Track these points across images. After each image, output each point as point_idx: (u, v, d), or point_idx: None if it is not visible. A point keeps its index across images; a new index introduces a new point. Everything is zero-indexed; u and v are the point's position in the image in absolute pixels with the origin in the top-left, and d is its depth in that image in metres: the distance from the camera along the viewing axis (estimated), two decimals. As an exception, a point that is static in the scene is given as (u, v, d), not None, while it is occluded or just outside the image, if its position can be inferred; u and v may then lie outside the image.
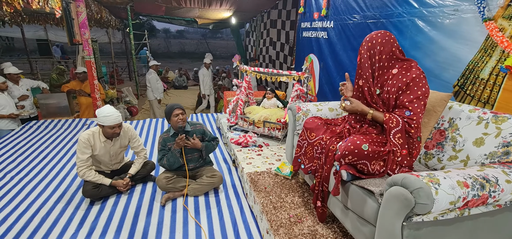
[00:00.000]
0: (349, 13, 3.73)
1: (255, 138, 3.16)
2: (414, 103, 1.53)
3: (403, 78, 1.57)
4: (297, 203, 2.08)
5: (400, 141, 1.54)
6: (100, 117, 2.33)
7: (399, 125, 1.54)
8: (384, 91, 1.63)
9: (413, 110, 1.52)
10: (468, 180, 1.13)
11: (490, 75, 2.08)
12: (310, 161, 1.89)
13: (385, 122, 1.58)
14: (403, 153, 1.53)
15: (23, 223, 2.11)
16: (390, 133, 1.56)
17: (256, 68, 3.41)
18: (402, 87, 1.56)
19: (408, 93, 1.55)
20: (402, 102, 1.55)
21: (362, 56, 1.71)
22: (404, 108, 1.54)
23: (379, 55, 1.63)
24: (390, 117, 1.57)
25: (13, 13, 8.00)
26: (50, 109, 4.74)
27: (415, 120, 1.52)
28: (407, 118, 1.53)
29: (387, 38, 1.62)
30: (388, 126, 1.56)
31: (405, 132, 1.54)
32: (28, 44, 12.03)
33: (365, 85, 1.74)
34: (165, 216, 2.23)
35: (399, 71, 1.60)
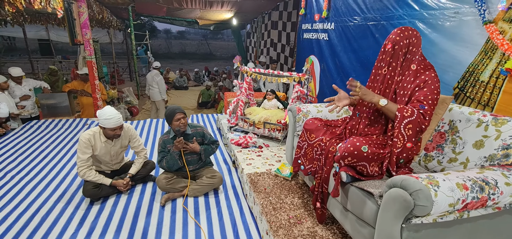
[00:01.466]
0: (349, 15, 3.73)
1: (255, 139, 3.17)
2: (428, 100, 1.52)
3: (422, 76, 1.57)
4: (296, 204, 2.08)
5: (409, 133, 1.50)
6: (101, 119, 2.33)
7: (414, 115, 1.50)
8: (401, 87, 1.63)
9: (427, 106, 1.52)
10: (467, 182, 1.13)
11: (490, 78, 2.08)
12: (310, 162, 1.89)
13: (399, 110, 1.53)
14: (407, 146, 1.51)
15: (23, 223, 2.11)
16: (402, 122, 1.51)
17: (257, 70, 3.42)
18: (419, 85, 1.56)
19: (425, 90, 1.54)
20: (418, 98, 1.54)
21: (396, 44, 1.61)
22: (419, 103, 1.53)
23: (412, 47, 1.61)
24: (404, 107, 1.54)
25: (15, 13, 8.03)
26: (51, 109, 4.76)
27: (428, 116, 1.51)
28: (423, 112, 1.51)
29: (418, 34, 1.63)
30: (402, 115, 1.51)
31: (420, 124, 1.51)
32: (29, 44, 12.08)
33: (389, 73, 1.67)
34: (165, 216, 2.24)
35: (417, 69, 1.61)
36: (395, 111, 1.55)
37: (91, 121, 4.57)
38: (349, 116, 1.94)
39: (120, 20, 10.35)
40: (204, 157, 2.56)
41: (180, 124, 2.38)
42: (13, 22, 9.35)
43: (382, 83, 1.70)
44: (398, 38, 1.61)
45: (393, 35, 1.63)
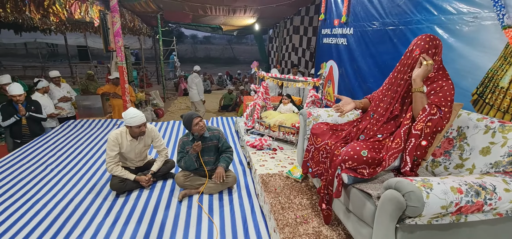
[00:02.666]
0: (368, 20, 3.73)
1: (270, 142, 3.27)
2: (447, 104, 1.54)
3: (439, 81, 1.60)
4: (304, 204, 2.15)
5: (427, 130, 1.52)
6: (127, 119, 2.57)
7: (436, 115, 1.52)
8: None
9: (445, 110, 1.53)
10: (462, 186, 1.15)
11: (510, 84, 2.02)
12: (317, 165, 1.96)
13: (429, 104, 1.54)
14: (423, 144, 1.52)
15: (59, 209, 2.39)
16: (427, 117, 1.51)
17: (273, 75, 3.53)
18: (435, 89, 1.59)
19: (441, 95, 1.56)
20: (434, 101, 1.56)
21: (424, 51, 1.61)
22: (437, 106, 1.54)
23: (437, 56, 1.62)
24: (432, 104, 1.55)
25: (58, 23, 8.86)
26: (86, 109, 5.22)
27: (446, 120, 1.53)
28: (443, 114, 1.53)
29: (441, 43, 1.65)
30: (429, 111, 1.52)
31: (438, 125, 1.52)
32: (69, 50, 13.20)
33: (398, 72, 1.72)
34: (181, 211, 2.41)
35: (436, 75, 1.64)
36: (425, 104, 1.54)
37: (121, 122, 4.94)
38: (359, 118, 1.98)
39: (149, 27, 10.98)
40: (226, 168, 2.68)
41: (199, 127, 2.53)
42: (56, 31, 10.31)
43: (403, 88, 1.71)
44: (427, 46, 1.61)
45: (421, 42, 1.63)
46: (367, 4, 3.72)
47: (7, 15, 6.59)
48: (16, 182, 2.83)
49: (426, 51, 1.60)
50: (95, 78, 6.28)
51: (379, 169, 1.56)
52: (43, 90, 4.35)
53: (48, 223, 2.22)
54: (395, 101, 1.73)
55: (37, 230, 2.15)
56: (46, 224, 2.21)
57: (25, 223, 2.22)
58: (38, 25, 8.92)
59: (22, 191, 2.67)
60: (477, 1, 2.25)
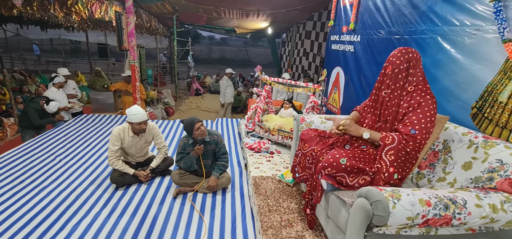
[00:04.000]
0: (375, 28, 3.71)
1: (268, 145, 3.31)
2: (421, 124, 1.52)
3: (417, 97, 1.57)
4: (292, 209, 2.18)
5: (391, 158, 1.55)
6: (129, 115, 2.69)
7: (394, 142, 1.55)
8: (395, 103, 1.65)
9: (418, 130, 1.52)
10: (432, 199, 1.15)
11: (509, 99, 1.97)
12: (303, 170, 1.99)
13: (381, 139, 1.59)
14: (390, 170, 1.54)
15: (61, 198, 2.54)
16: (383, 149, 1.58)
17: (275, 79, 3.57)
18: (413, 105, 1.57)
19: (419, 112, 1.55)
20: (410, 119, 1.55)
21: (395, 66, 1.63)
22: (411, 126, 1.54)
23: (412, 69, 1.62)
24: (386, 135, 1.59)
25: (80, 21, 9.31)
26: (99, 104, 5.47)
27: (419, 140, 1.51)
28: (411, 136, 1.52)
29: (419, 56, 1.65)
30: (384, 143, 1.58)
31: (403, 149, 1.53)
32: (90, 47, 13.80)
33: (389, 96, 1.69)
34: (174, 207, 2.49)
35: (414, 90, 1.61)
36: (379, 140, 1.60)
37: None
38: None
39: (166, 28, 11.30)
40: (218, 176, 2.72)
41: (201, 132, 2.59)
42: (78, 28, 10.84)
43: (382, 105, 1.72)
44: (398, 61, 1.62)
45: (393, 58, 1.64)
46: (375, 12, 3.70)
47: (34, 12, 7.02)
48: (25, 170, 3.02)
49: (398, 67, 1.61)
50: (103, 74, 6.55)
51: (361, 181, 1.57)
52: (58, 85, 4.60)
53: (50, 211, 2.37)
54: (377, 119, 1.74)
55: (38, 216, 2.30)
56: (47, 211, 2.36)
57: (28, 210, 2.38)
58: (62, 23, 9.41)
59: (31, 179, 2.86)
60: (480, 14, 2.21)
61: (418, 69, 1.64)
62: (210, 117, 6.37)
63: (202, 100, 9.41)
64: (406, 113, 1.59)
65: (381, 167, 1.55)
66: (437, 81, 2.57)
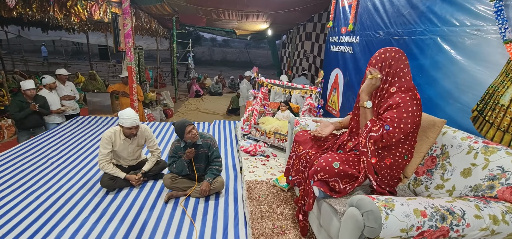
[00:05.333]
0: (374, 29, 3.64)
1: (264, 148, 3.23)
2: (395, 122, 1.47)
3: (396, 97, 1.53)
4: (285, 215, 2.10)
5: (371, 147, 1.51)
6: (121, 119, 2.63)
7: (378, 132, 1.51)
8: (375, 104, 1.60)
9: (392, 128, 1.47)
10: (427, 209, 1.08)
11: (510, 102, 1.89)
12: (297, 173, 1.91)
13: (371, 120, 1.55)
14: (372, 161, 1.48)
15: (50, 203, 2.48)
16: (367, 133, 1.53)
17: (272, 80, 3.50)
18: (392, 105, 1.52)
19: (395, 111, 1.50)
20: (385, 116, 1.52)
21: (371, 65, 1.65)
22: (385, 123, 1.50)
23: (388, 68, 1.59)
24: (375, 121, 1.55)
25: (80, 22, 9.32)
26: (96, 106, 5.42)
27: (390, 138, 1.47)
28: (384, 132, 1.48)
29: (400, 55, 1.60)
30: (370, 127, 1.54)
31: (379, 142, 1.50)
32: (92, 48, 13.84)
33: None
34: (165, 212, 2.42)
35: (396, 91, 1.57)
36: (368, 120, 1.55)
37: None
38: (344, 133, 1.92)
39: (166, 30, 11.29)
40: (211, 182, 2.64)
41: (192, 135, 2.51)
42: (79, 30, 10.86)
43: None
44: (374, 61, 1.62)
45: (372, 59, 1.63)
46: (373, 13, 3.63)
47: (33, 14, 7.03)
48: (16, 173, 2.97)
49: (373, 66, 1.58)
50: (98, 78, 6.49)
51: (354, 184, 1.50)
52: (48, 87, 4.50)
53: (37, 215, 2.31)
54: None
55: (24, 221, 2.24)
56: (35, 216, 2.30)
57: (15, 214, 2.32)
58: (63, 25, 9.42)
59: (21, 182, 2.80)
60: (480, 14, 2.13)
61: (399, 69, 1.58)
62: (209, 120, 6.31)
63: (202, 102, 9.37)
64: (384, 110, 1.55)
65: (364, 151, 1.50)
66: (437, 83, 2.49)
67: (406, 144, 1.53)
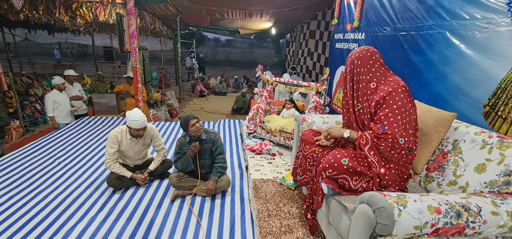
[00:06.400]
0: (380, 25, 3.59)
1: (270, 146, 3.21)
2: (389, 118, 1.45)
3: (381, 92, 1.51)
4: (293, 213, 2.07)
5: (376, 158, 1.48)
6: (129, 120, 2.63)
7: (368, 142, 1.50)
8: (365, 107, 1.57)
9: (388, 125, 1.45)
10: (442, 206, 1.04)
11: (524, 96, 1.83)
12: (304, 172, 1.89)
13: (357, 139, 1.57)
14: (381, 172, 1.45)
15: (57, 202, 2.49)
16: (363, 149, 1.52)
17: (277, 78, 3.47)
18: (379, 102, 1.50)
19: (384, 107, 1.48)
20: (378, 117, 1.49)
21: (345, 72, 1.71)
22: (379, 123, 1.47)
23: (357, 68, 1.61)
24: (361, 135, 1.55)
25: (85, 24, 9.40)
26: (102, 107, 5.45)
27: (391, 135, 1.43)
28: (382, 134, 1.45)
29: (364, 52, 1.61)
30: (358, 143, 1.54)
31: (377, 148, 1.48)
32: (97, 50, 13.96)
33: (344, 99, 1.76)
34: (171, 211, 2.42)
35: (377, 86, 1.54)
36: (355, 140, 1.58)
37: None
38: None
39: (170, 30, 11.32)
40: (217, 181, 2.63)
41: (196, 128, 2.53)
42: (84, 32, 10.96)
43: (348, 111, 1.73)
44: (346, 63, 1.68)
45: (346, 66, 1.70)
46: (379, 9, 3.58)
47: (40, 16, 7.11)
48: (24, 173, 2.99)
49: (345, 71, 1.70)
50: (105, 80, 6.56)
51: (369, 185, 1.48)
52: (57, 88, 4.56)
53: (45, 215, 2.32)
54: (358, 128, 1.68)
55: (32, 221, 2.25)
56: (42, 216, 2.31)
57: (23, 214, 2.33)
58: (69, 27, 9.51)
59: (29, 182, 2.82)
60: (491, 6, 2.08)
61: (368, 63, 1.59)
62: (214, 119, 6.30)
63: (206, 102, 9.37)
64: (375, 111, 1.53)
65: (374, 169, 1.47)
66: (446, 78, 2.44)
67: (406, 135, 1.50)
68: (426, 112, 1.72)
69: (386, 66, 1.59)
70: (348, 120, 1.72)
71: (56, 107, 4.53)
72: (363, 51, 1.60)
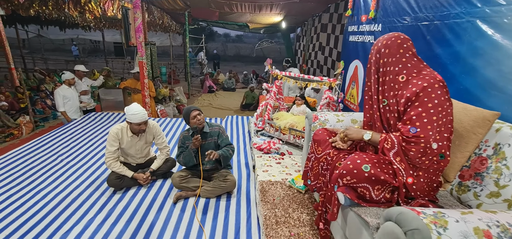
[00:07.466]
0: (399, 15, 3.32)
1: (279, 145, 3.02)
2: (422, 118, 1.22)
3: (413, 87, 1.27)
4: (303, 221, 1.89)
5: (402, 165, 1.27)
6: (128, 114, 2.50)
7: (394, 146, 1.28)
8: (391, 103, 1.36)
9: (420, 126, 1.22)
10: (492, 229, 0.84)
11: None
12: (316, 177, 1.69)
13: (380, 142, 1.34)
14: (408, 182, 1.24)
15: (56, 202, 2.38)
16: (388, 154, 1.31)
17: (287, 73, 3.27)
18: (411, 98, 1.27)
19: (417, 105, 1.25)
20: (408, 117, 1.27)
21: (369, 62, 1.49)
22: (410, 124, 1.25)
23: (384, 58, 1.39)
24: (385, 138, 1.33)
25: (94, 19, 9.42)
26: (109, 103, 5.39)
27: (424, 139, 1.21)
28: (412, 137, 1.23)
29: (394, 39, 1.38)
30: (382, 146, 1.33)
31: (406, 154, 1.26)
32: (108, 46, 14.06)
33: (367, 94, 1.54)
34: (173, 213, 2.27)
35: (408, 80, 1.31)
36: (377, 143, 1.36)
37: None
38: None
39: (179, 25, 11.22)
40: (223, 162, 2.52)
41: (197, 120, 2.41)
42: (95, 27, 11.01)
43: (372, 107, 1.51)
44: (369, 56, 1.48)
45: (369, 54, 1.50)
46: (399, -3, 3.31)
47: (50, 12, 7.12)
48: (25, 171, 2.91)
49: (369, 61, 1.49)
50: (111, 75, 6.53)
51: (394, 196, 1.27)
52: (67, 83, 4.54)
53: (42, 216, 2.21)
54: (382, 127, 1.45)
55: (29, 222, 2.14)
56: (39, 217, 2.20)
57: (20, 214, 2.23)
58: (79, 22, 9.55)
59: (28, 181, 2.73)
60: (533, -13, 1.82)
61: (398, 52, 1.35)
62: (222, 115, 6.16)
63: (215, 98, 9.24)
64: (405, 109, 1.30)
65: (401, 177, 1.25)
66: (476, 72, 2.18)
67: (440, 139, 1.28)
68: (460, 110, 1.49)
69: (419, 57, 1.36)
70: (370, 117, 1.51)
71: (66, 103, 4.52)
72: (392, 38, 1.38)
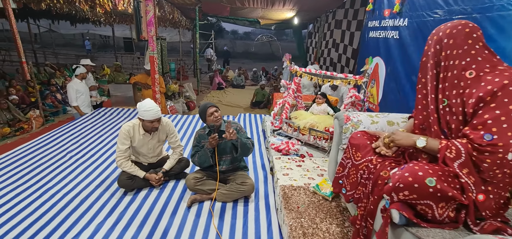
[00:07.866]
0: (429, 8, 3.07)
1: (298, 146, 2.83)
2: (501, 123, 1.00)
3: (487, 85, 1.05)
4: (333, 233, 1.69)
5: (471, 179, 1.06)
6: (141, 111, 2.34)
7: (461, 155, 1.07)
8: (454, 104, 1.14)
9: (498, 133, 1.00)
10: None
11: None
12: (353, 187, 1.49)
13: (441, 150, 1.13)
14: (479, 199, 1.04)
15: (64, 203, 2.24)
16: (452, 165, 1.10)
17: (308, 70, 3.07)
18: (484, 98, 1.04)
19: (493, 106, 1.02)
20: (482, 121, 1.04)
21: (425, 54, 1.28)
22: (483, 130, 1.03)
23: (447, 50, 1.16)
24: (447, 145, 1.11)
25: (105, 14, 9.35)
26: (118, 98, 5.28)
27: (502, 148, 0.99)
28: (487, 145, 1.01)
29: (460, 27, 1.15)
30: (443, 155, 1.12)
31: (474, 165, 1.05)
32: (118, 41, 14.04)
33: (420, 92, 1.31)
34: (188, 218, 2.11)
35: (479, 76, 1.09)
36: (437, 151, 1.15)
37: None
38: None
39: (189, 20, 11.08)
40: (240, 151, 2.28)
41: (214, 118, 2.24)
42: (105, 22, 10.97)
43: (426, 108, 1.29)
44: (426, 47, 1.28)
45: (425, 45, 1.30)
46: (430, -11, 3.06)
47: (61, 6, 7.07)
48: (32, 169, 2.79)
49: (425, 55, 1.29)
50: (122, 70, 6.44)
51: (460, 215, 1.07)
52: (80, 77, 4.46)
53: (49, 218, 2.07)
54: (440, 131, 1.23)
55: (35, 225, 2.00)
56: (47, 219, 2.06)
57: (27, 216, 2.10)
58: (90, 17, 9.51)
59: (35, 179, 2.60)
60: None
61: (466, 42, 1.13)
62: (232, 112, 5.99)
63: (225, 95, 9.09)
64: (474, 113, 1.08)
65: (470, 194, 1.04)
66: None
67: None
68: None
69: (492, 50, 1.14)
70: (423, 119, 1.30)
71: (78, 97, 4.46)
72: (457, 26, 1.15)
